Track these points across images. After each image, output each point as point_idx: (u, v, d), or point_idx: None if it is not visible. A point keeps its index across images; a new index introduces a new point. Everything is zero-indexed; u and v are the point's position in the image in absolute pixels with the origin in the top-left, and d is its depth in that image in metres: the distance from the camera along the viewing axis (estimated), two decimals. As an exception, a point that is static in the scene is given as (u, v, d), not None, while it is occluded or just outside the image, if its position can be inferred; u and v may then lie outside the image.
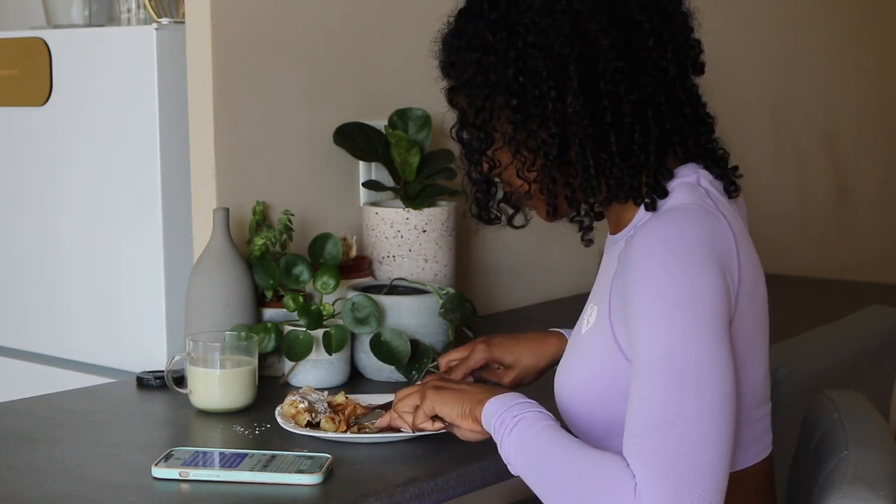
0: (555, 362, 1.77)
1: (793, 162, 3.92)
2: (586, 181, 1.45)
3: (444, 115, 1.56)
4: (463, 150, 1.54)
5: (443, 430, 1.56)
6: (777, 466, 1.53)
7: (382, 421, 1.65)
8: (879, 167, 4.47)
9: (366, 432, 1.68)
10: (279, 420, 1.72)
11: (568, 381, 1.51)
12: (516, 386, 1.77)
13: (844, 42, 4.22)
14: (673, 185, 1.45)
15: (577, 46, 1.42)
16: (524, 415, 1.41)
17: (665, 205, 1.44)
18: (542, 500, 1.39)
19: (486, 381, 1.78)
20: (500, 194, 1.59)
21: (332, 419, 1.69)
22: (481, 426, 1.47)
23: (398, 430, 1.64)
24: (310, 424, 1.70)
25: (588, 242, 1.52)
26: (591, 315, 1.50)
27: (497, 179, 1.55)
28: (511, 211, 1.60)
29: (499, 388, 1.57)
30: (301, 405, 1.71)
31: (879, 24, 4.48)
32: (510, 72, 1.44)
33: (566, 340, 1.78)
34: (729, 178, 1.49)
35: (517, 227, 1.62)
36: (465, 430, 1.51)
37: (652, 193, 1.44)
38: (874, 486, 1.33)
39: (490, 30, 1.45)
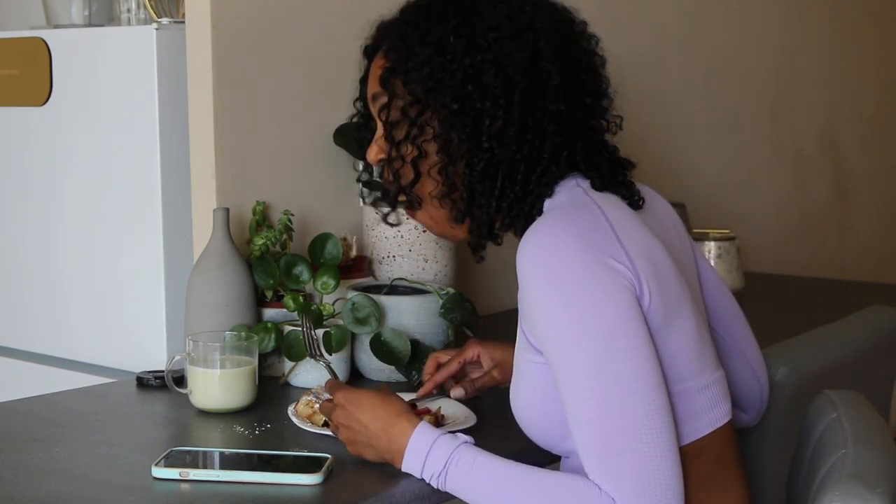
0: None
1: (793, 162, 3.92)
2: (487, 199, 1.51)
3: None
4: (384, 132, 1.55)
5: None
6: (777, 466, 1.54)
7: None
8: (880, 167, 4.46)
9: None
10: (294, 420, 1.73)
11: (515, 399, 1.55)
12: (506, 380, 1.77)
13: (844, 42, 4.22)
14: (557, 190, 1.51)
15: (529, 78, 1.47)
16: (452, 460, 1.45)
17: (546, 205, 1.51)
18: None
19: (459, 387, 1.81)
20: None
21: None
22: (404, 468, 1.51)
23: None
24: (326, 424, 1.70)
25: (480, 259, 1.61)
26: (518, 329, 1.54)
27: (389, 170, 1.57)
28: (387, 209, 1.64)
29: (398, 424, 1.53)
30: (317, 405, 1.72)
31: (880, 25, 4.48)
32: (459, 76, 1.47)
33: None
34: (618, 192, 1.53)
35: (392, 225, 1.71)
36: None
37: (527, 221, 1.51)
38: (870, 484, 1.33)
39: (453, 32, 1.48)
